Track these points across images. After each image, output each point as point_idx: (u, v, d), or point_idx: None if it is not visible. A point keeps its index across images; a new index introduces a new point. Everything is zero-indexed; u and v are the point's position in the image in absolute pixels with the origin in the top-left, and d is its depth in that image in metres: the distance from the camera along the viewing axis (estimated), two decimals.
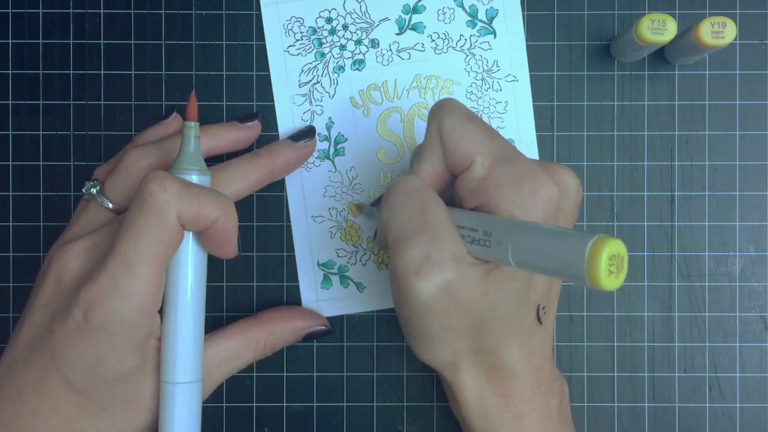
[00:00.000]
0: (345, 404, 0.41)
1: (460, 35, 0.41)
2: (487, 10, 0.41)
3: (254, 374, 0.41)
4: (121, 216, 0.35)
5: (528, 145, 0.41)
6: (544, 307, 0.34)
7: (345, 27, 0.41)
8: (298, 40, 0.41)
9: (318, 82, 0.41)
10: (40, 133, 0.41)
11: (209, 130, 0.38)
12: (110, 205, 0.36)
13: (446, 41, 0.41)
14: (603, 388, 0.41)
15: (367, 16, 0.41)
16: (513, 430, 0.34)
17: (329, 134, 0.41)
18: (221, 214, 0.32)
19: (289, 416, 0.41)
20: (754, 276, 0.41)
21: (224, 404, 0.41)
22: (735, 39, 0.38)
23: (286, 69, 0.41)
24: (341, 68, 0.41)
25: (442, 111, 0.33)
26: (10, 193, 0.41)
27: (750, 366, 0.41)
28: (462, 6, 0.41)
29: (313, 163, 0.41)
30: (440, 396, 0.41)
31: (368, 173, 0.41)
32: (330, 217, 0.41)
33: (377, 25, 0.41)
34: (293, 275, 0.41)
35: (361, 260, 0.41)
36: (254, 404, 0.41)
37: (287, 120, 0.41)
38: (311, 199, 0.41)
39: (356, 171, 0.41)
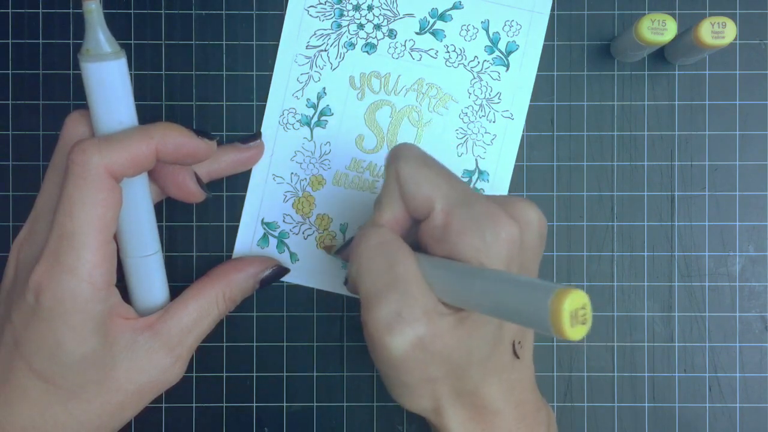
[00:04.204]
0: (345, 404, 0.41)
1: (475, 56, 0.41)
2: (508, 42, 0.41)
3: (254, 374, 0.41)
4: None
5: (499, 182, 0.41)
6: (519, 342, 0.34)
7: (370, 8, 0.41)
8: (320, 3, 0.41)
9: (325, 51, 0.41)
10: (40, 133, 0.41)
11: None
12: None
13: (460, 57, 0.41)
14: (603, 388, 0.41)
15: (395, 5, 0.41)
16: None
17: (317, 103, 0.41)
18: (156, 140, 0.32)
19: (289, 416, 0.41)
20: (754, 276, 0.41)
21: (224, 404, 0.41)
22: (735, 39, 0.38)
23: (300, 26, 0.41)
24: (352, 45, 0.41)
25: (399, 157, 0.33)
26: (10, 193, 0.41)
27: (750, 366, 0.41)
28: (486, 30, 0.41)
29: (292, 125, 0.41)
30: None
31: (341, 153, 0.41)
32: (290, 181, 0.41)
33: (401, 18, 0.41)
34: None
35: (303, 233, 0.41)
36: (254, 404, 0.41)
37: (284, 76, 0.41)
38: (278, 158, 0.41)
39: (330, 147, 0.41)
